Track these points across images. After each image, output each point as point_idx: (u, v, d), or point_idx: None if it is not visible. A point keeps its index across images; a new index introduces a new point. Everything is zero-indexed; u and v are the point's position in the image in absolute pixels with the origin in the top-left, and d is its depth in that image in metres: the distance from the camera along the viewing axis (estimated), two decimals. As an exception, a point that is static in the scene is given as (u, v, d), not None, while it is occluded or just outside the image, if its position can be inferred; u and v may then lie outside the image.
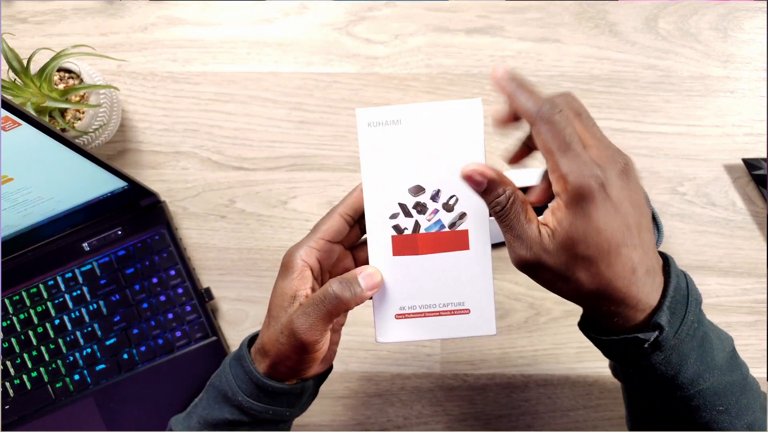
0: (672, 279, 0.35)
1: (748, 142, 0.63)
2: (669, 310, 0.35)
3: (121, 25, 0.64)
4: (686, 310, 0.35)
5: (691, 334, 0.35)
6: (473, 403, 0.61)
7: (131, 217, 0.61)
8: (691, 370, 0.36)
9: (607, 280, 0.33)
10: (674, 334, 0.35)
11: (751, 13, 0.64)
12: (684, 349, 0.35)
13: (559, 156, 0.33)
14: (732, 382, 0.38)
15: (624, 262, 0.33)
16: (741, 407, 0.38)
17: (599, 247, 0.32)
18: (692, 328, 0.36)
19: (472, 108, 0.38)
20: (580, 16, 0.64)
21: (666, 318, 0.34)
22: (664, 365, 0.36)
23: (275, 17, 0.65)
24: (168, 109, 0.64)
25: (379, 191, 0.39)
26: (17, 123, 0.45)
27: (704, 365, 0.36)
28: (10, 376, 0.59)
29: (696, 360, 0.36)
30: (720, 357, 0.37)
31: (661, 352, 0.35)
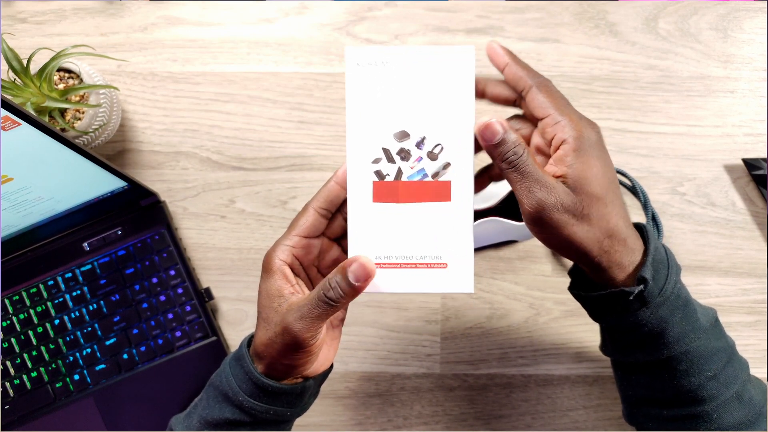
0: (650, 241, 0.38)
1: (748, 142, 0.63)
2: (652, 266, 0.37)
3: (121, 25, 0.64)
4: (668, 271, 0.38)
5: (675, 293, 0.38)
6: (473, 403, 0.61)
7: (131, 217, 0.61)
8: (677, 329, 0.38)
9: (614, 218, 0.37)
10: (659, 291, 0.37)
11: (751, 13, 0.64)
12: (669, 307, 0.38)
13: (563, 108, 0.37)
14: (719, 348, 0.40)
15: (620, 205, 0.37)
16: (729, 375, 0.39)
17: (605, 187, 0.36)
18: (676, 288, 0.38)
19: (465, 55, 0.37)
20: (580, 16, 0.64)
21: (650, 273, 0.37)
22: (651, 321, 0.38)
23: (275, 17, 0.65)
24: (168, 109, 0.64)
25: (363, 134, 0.37)
26: (17, 123, 0.45)
27: (689, 325, 0.38)
28: (10, 376, 0.59)
29: (681, 319, 0.38)
30: (705, 321, 0.40)
31: (647, 309, 0.37)
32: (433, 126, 0.37)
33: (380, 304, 0.62)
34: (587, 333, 0.61)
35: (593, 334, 0.61)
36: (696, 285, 0.62)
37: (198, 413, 0.41)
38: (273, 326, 0.38)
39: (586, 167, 0.36)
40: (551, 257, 0.62)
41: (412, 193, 0.38)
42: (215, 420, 0.40)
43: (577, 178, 0.36)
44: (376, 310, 0.62)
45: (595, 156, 0.36)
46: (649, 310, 0.37)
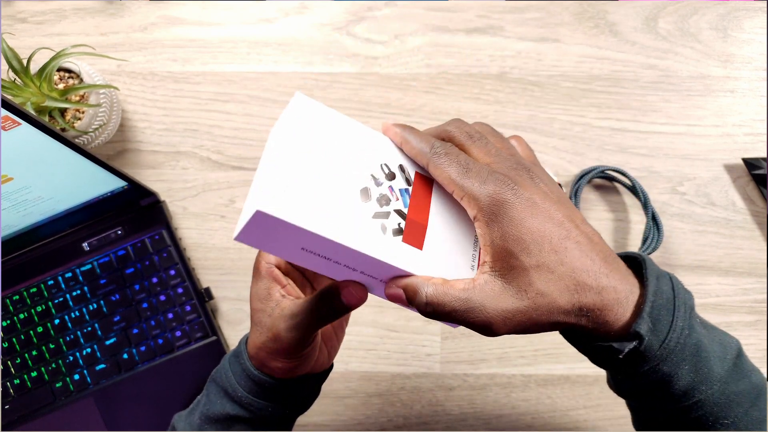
0: (650, 282, 0.32)
1: (748, 141, 0.63)
2: (650, 317, 0.31)
3: (120, 25, 0.64)
4: (674, 316, 0.32)
5: (681, 342, 0.32)
6: (473, 403, 0.61)
7: (131, 216, 0.61)
8: (684, 382, 0.33)
9: (570, 278, 0.30)
10: (660, 344, 0.32)
11: (751, 13, 0.64)
12: (674, 360, 0.32)
13: (462, 180, 0.31)
14: (738, 392, 0.34)
15: (575, 253, 0.31)
16: (752, 419, 0.35)
17: (541, 245, 0.30)
18: (682, 336, 0.32)
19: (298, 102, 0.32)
20: (580, 16, 0.64)
21: (646, 326, 0.31)
22: (653, 375, 0.33)
23: (275, 17, 0.65)
24: (168, 109, 0.64)
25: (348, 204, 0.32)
26: (17, 122, 0.45)
27: (700, 376, 0.33)
28: (11, 376, 0.59)
29: (689, 371, 0.33)
30: (720, 367, 0.34)
31: (647, 363, 0.32)
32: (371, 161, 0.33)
33: (380, 304, 0.62)
34: (587, 333, 0.61)
35: (593, 334, 0.61)
36: (696, 285, 0.62)
37: (200, 409, 0.42)
38: (265, 331, 0.38)
39: (507, 234, 0.30)
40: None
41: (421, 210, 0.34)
42: (216, 415, 0.40)
43: (502, 254, 0.30)
44: (376, 310, 0.62)
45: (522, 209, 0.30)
46: (648, 365, 0.32)
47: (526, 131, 0.63)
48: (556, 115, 0.63)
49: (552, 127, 0.63)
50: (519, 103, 0.63)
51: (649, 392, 0.34)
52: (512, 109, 0.63)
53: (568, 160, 0.63)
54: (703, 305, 0.62)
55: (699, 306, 0.61)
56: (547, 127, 0.63)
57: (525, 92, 0.63)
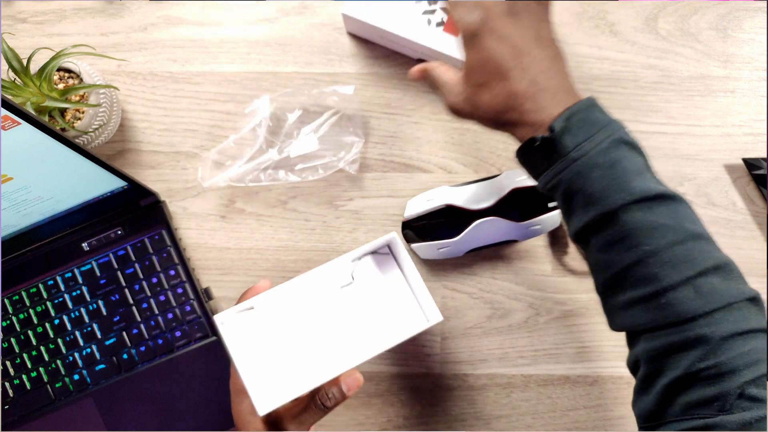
0: (580, 103, 0.39)
1: (748, 141, 0.63)
2: (566, 121, 0.38)
3: (120, 25, 0.64)
4: (598, 132, 0.38)
5: (595, 152, 0.38)
6: (473, 403, 0.61)
7: (131, 217, 0.61)
8: (597, 185, 0.37)
9: (503, 96, 0.41)
10: (575, 145, 0.38)
11: (751, 13, 0.64)
12: (586, 162, 0.38)
13: (454, 11, 0.42)
14: (663, 224, 0.36)
15: (517, 81, 0.40)
16: (678, 256, 0.36)
17: (490, 71, 0.41)
18: (598, 148, 0.38)
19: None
20: (580, 16, 0.64)
21: (561, 124, 0.38)
22: (567, 176, 0.39)
23: (275, 17, 0.65)
24: (168, 109, 0.64)
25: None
26: (17, 122, 0.45)
27: (612, 185, 0.37)
28: (10, 376, 0.59)
29: (602, 177, 0.37)
30: (639, 189, 0.37)
31: (563, 161, 0.39)
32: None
33: (380, 304, 0.62)
34: (587, 333, 0.61)
35: (594, 334, 0.61)
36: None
37: None
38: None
39: (472, 59, 0.42)
40: (552, 257, 0.62)
41: None
42: None
43: (467, 72, 0.43)
44: (376, 310, 0.62)
45: (484, 41, 0.41)
46: (563, 163, 0.38)
47: (526, 131, 0.63)
48: (556, 115, 0.63)
49: (552, 127, 0.63)
50: (519, 103, 0.63)
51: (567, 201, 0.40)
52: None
53: (568, 160, 0.63)
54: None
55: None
56: (547, 127, 0.63)
57: (525, 92, 0.63)
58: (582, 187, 0.38)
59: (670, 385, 0.36)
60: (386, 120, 0.63)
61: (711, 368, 0.34)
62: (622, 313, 0.39)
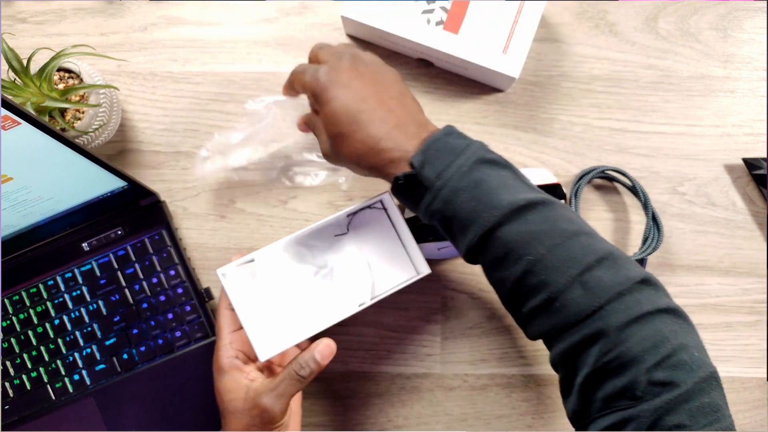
0: (434, 135, 0.41)
1: (748, 141, 0.63)
2: (424, 154, 0.39)
3: (120, 25, 0.64)
4: (456, 158, 0.39)
5: (457, 177, 0.38)
6: (473, 403, 0.61)
7: (131, 217, 0.61)
8: (466, 209, 0.38)
9: (359, 141, 0.41)
10: (437, 175, 0.39)
11: (751, 13, 0.64)
12: (450, 188, 0.38)
13: (301, 77, 0.45)
14: (539, 231, 0.37)
15: (368, 124, 0.41)
16: (559, 258, 0.36)
17: (341, 121, 0.42)
18: (460, 171, 0.38)
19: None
20: (580, 16, 0.64)
21: (419, 159, 0.39)
22: (437, 206, 0.39)
23: (275, 17, 0.65)
24: (168, 109, 0.64)
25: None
26: (17, 122, 0.45)
27: (480, 204, 0.38)
28: (10, 376, 0.59)
29: (469, 199, 0.38)
30: (507, 201, 0.37)
31: (429, 193, 0.39)
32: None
33: (380, 304, 0.61)
34: (587, 333, 0.61)
35: (593, 334, 0.61)
36: (696, 285, 0.62)
37: None
38: (246, 413, 0.44)
39: (322, 114, 0.43)
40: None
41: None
42: None
43: (323, 126, 0.44)
44: (376, 310, 0.62)
45: (324, 100, 0.42)
46: (430, 194, 0.39)
47: (526, 131, 0.63)
48: (556, 115, 0.63)
49: (552, 128, 0.63)
50: (519, 103, 0.63)
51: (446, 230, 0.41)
52: (512, 109, 0.63)
53: (569, 160, 0.63)
54: (703, 306, 0.62)
55: (698, 306, 0.61)
56: (547, 127, 0.63)
57: (525, 92, 0.63)
58: (454, 214, 0.39)
59: (584, 384, 0.36)
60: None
61: (614, 360, 0.34)
62: (529, 324, 0.39)
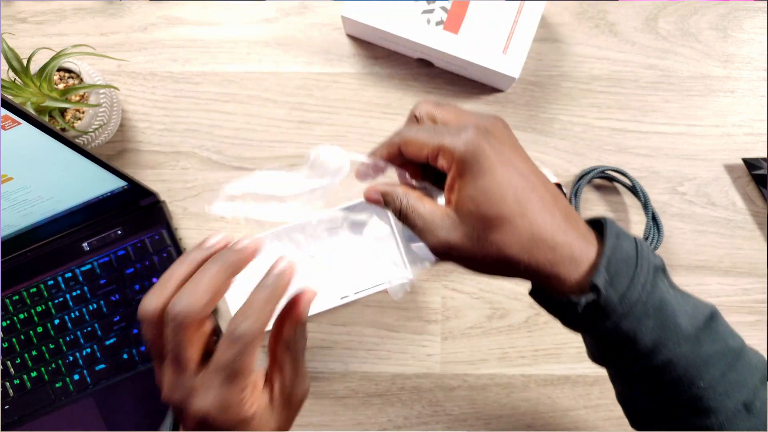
0: (609, 239, 0.33)
1: (748, 141, 0.63)
2: (607, 271, 0.32)
3: (121, 25, 0.64)
4: (635, 272, 0.32)
5: (643, 298, 0.32)
6: (473, 403, 0.61)
7: (131, 217, 0.61)
8: (650, 338, 0.33)
9: (529, 231, 0.31)
10: (620, 298, 0.32)
11: (751, 13, 0.64)
12: (636, 314, 0.32)
13: (433, 138, 0.33)
14: (713, 353, 0.34)
15: (543, 211, 0.32)
16: (730, 383, 0.34)
17: (509, 202, 0.31)
18: (644, 291, 0.32)
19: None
20: (580, 16, 0.64)
21: (603, 279, 0.32)
22: (617, 332, 0.33)
23: (275, 17, 0.65)
24: (168, 109, 0.64)
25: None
26: (17, 122, 0.45)
27: (666, 333, 0.33)
28: (10, 376, 0.59)
29: (654, 327, 0.33)
30: (689, 325, 0.34)
31: (608, 318, 0.32)
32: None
33: (380, 304, 0.62)
34: (587, 333, 0.61)
35: (593, 334, 0.61)
36: (696, 285, 0.62)
37: None
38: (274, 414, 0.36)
39: (476, 186, 0.31)
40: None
41: None
42: None
43: (468, 203, 0.32)
44: (376, 310, 0.62)
45: (480, 172, 0.31)
46: (611, 321, 0.32)
47: (526, 131, 0.63)
48: (556, 115, 0.63)
49: (552, 127, 0.63)
50: (519, 103, 0.63)
51: (618, 352, 0.34)
52: (512, 109, 0.63)
53: (568, 160, 0.63)
54: (704, 305, 0.61)
55: (699, 306, 0.61)
56: (547, 127, 0.63)
57: (525, 92, 0.63)
58: (634, 339, 0.33)
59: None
60: (386, 120, 0.63)
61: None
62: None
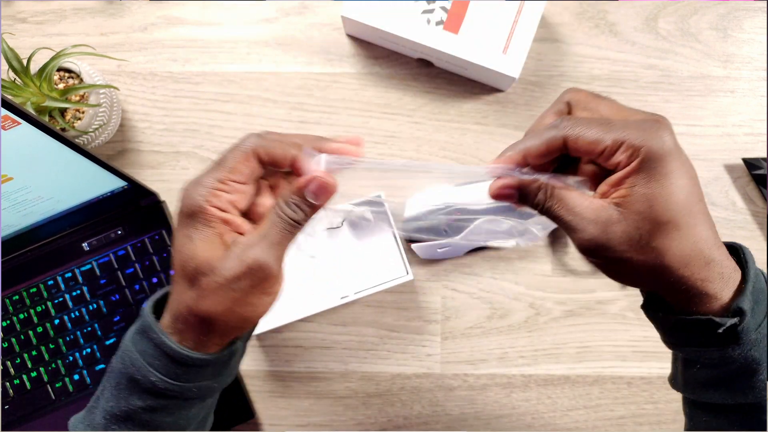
0: (750, 265, 0.31)
1: (748, 141, 0.63)
2: (752, 296, 0.30)
3: (121, 25, 0.64)
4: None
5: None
6: (473, 403, 0.61)
7: (131, 217, 0.61)
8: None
9: (692, 242, 0.30)
10: (757, 326, 0.30)
11: (751, 13, 0.64)
12: (763, 346, 0.31)
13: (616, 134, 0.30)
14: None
15: (703, 224, 0.30)
16: None
17: (681, 206, 0.29)
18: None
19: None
20: (580, 16, 0.64)
21: (749, 304, 0.30)
22: (740, 360, 0.31)
23: (275, 17, 0.65)
24: (168, 109, 0.64)
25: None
26: (17, 122, 0.45)
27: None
28: (10, 376, 0.59)
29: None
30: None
31: (739, 346, 0.31)
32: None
33: (380, 304, 0.62)
34: (587, 333, 0.61)
35: (593, 334, 0.61)
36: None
37: (101, 407, 0.34)
38: (234, 272, 0.31)
39: (651, 189, 0.29)
40: (552, 257, 0.62)
41: None
42: (124, 412, 0.33)
43: (644, 202, 0.30)
44: (377, 310, 0.62)
45: (665, 173, 0.29)
46: (740, 348, 0.31)
47: (526, 131, 0.63)
48: (556, 115, 0.63)
49: (552, 127, 0.63)
50: (519, 103, 0.63)
51: (729, 382, 0.32)
52: (512, 109, 0.63)
53: (568, 160, 0.63)
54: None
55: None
56: (547, 127, 0.63)
57: (525, 92, 0.63)
58: (755, 372, 0.32)
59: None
60: (387, 120, 0.63)
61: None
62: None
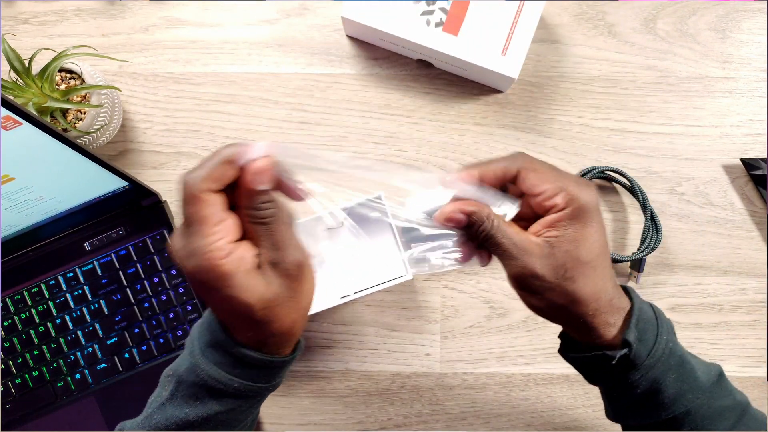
0: (635, 302, 0.38)
1: (747, 142, 0.63)
2: (636, 328, 0.37)
3: (122, 26, 0.65)
4: (658, 330, 0.38)
5: (667, 353, 0.37)
6: (473, 402, 0.61)
7: (132, 217, 0.61)
8: (672, 389, 0.37)
9: (601, 281, 0.37)
10: (648, 352, 0.37)
11: (750, 14, 0.65)
12: (661, 368, 0.37)
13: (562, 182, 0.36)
14: (724, 407, 0.38)
15: (608, 269, 0.38)
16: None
17: (596, 252, 0.36)
18: (667, 347, 0.37)
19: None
20: (578, 17, 0.64)
21: (634, 335, 0.36)
22: (643, 383, 0.37)
23: (276, 18, 0.65)
24: (169, 110, 0.64)
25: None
26: (18, 122, 0.45)
27: (687, 385, 0.37)
28: (12, 375, 0.59)
29: (676, 380, 0.37)
30: (705, 379, 0.38)
31: (637, 371, 0.37)
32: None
33: (380, 304, 0.62)
34: (586, 332, 0.61)
35: (592, 334, 0.61)
36: (695, 284, 0.62)
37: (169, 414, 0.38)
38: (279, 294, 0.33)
39: (578, 234, 0.36)
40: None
41: None
42: (201, 417, 0.36)
43: (571, 244, 0.36)
44: (376, 310, 0.62)
45: (590, 223, 0.36)
46: (638, 372, 0.37)
47: (525, 132, 0.63)
48: (555, 116, 0.63)
49: (551, 128, 0.63)
50: (518, 104, 0.64)
51: (641, 404, 0.38)
52: (511, 110, 0.64)
53: (567, 160, 0.63)
54: (702, 305, 0.62)
55: (697, 305, 0.62)
56: (546, 128, 0.63)
57: (524, 93, 0.64)
58: (658, 392, 0.37)
59: None
60: (386, 121, 0.64)
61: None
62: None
